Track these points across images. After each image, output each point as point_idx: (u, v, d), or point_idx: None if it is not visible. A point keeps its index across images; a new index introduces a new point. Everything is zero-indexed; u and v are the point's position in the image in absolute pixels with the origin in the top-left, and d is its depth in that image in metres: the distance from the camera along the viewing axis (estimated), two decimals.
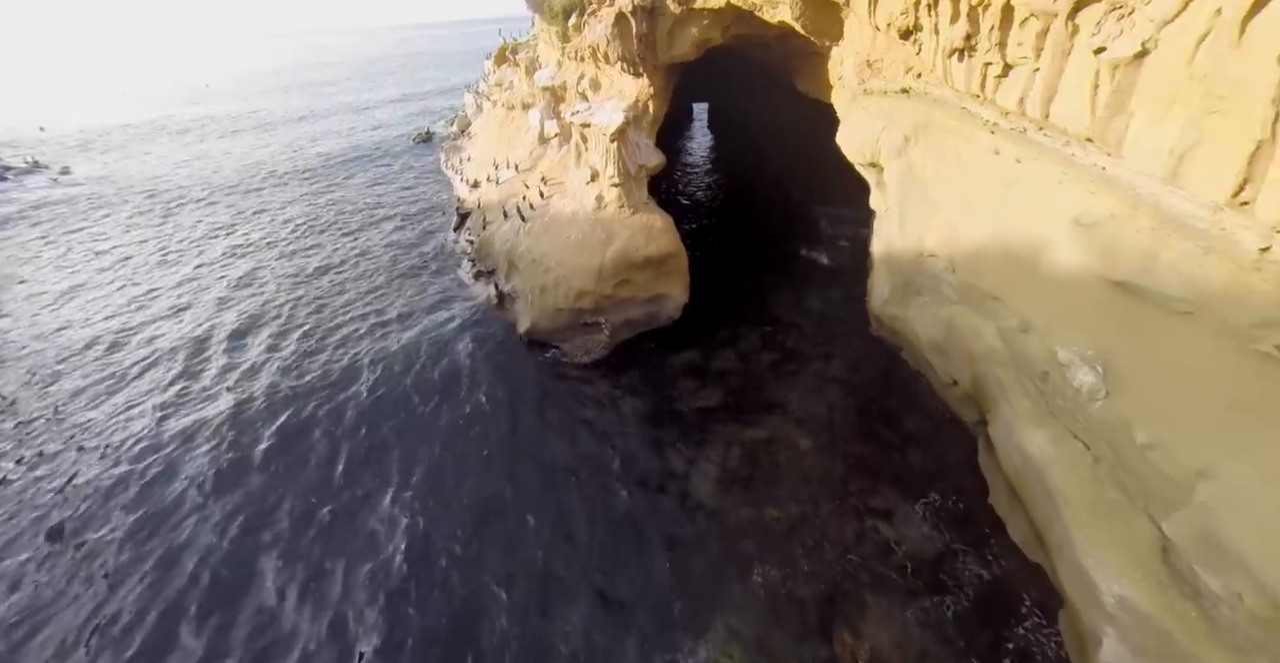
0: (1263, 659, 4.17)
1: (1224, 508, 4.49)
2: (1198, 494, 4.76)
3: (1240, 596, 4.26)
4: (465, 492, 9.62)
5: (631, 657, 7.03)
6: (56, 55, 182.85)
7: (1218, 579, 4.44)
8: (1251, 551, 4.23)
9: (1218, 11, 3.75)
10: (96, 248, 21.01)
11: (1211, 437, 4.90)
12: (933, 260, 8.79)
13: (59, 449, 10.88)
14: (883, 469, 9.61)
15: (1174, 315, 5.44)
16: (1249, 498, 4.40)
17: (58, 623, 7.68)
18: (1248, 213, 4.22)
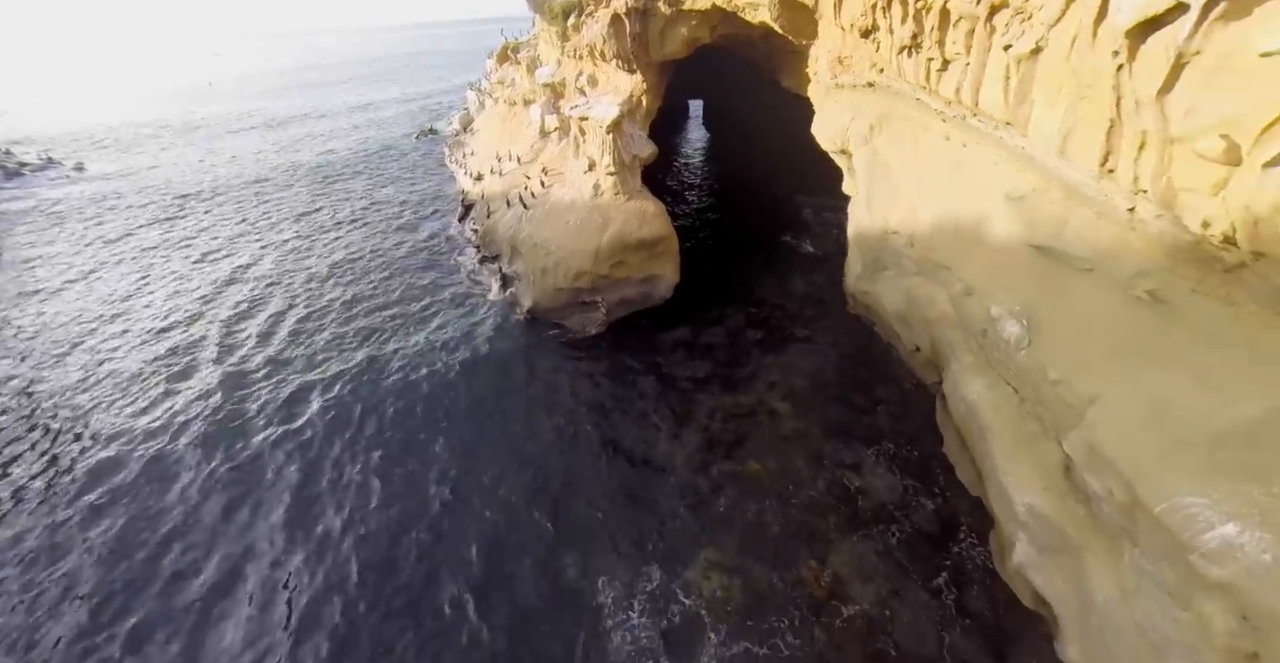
0: (1125, 539, 5.17)
1: (1102, 424, 5.48)
2: (1088, 416, 5.75)
3: (1111, 491, 5.25)
4: (482, 444, 10.65)
5: (625, 579, 8.03)
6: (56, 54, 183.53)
7: (1098, 481, 5.43)
8: (1119, 455, 5.22)
9: (1081, 18, 4.72)
10: (116, 242, 21.97)
11: (1101, 369, 5.89)
12: (895, 237, 9.78)
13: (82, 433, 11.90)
14: (853, 430, 10.61)
15: (1079, 272, 6.43)
16: (1120, 414, 5.39)
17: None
18: (1114, 179, 5.20)
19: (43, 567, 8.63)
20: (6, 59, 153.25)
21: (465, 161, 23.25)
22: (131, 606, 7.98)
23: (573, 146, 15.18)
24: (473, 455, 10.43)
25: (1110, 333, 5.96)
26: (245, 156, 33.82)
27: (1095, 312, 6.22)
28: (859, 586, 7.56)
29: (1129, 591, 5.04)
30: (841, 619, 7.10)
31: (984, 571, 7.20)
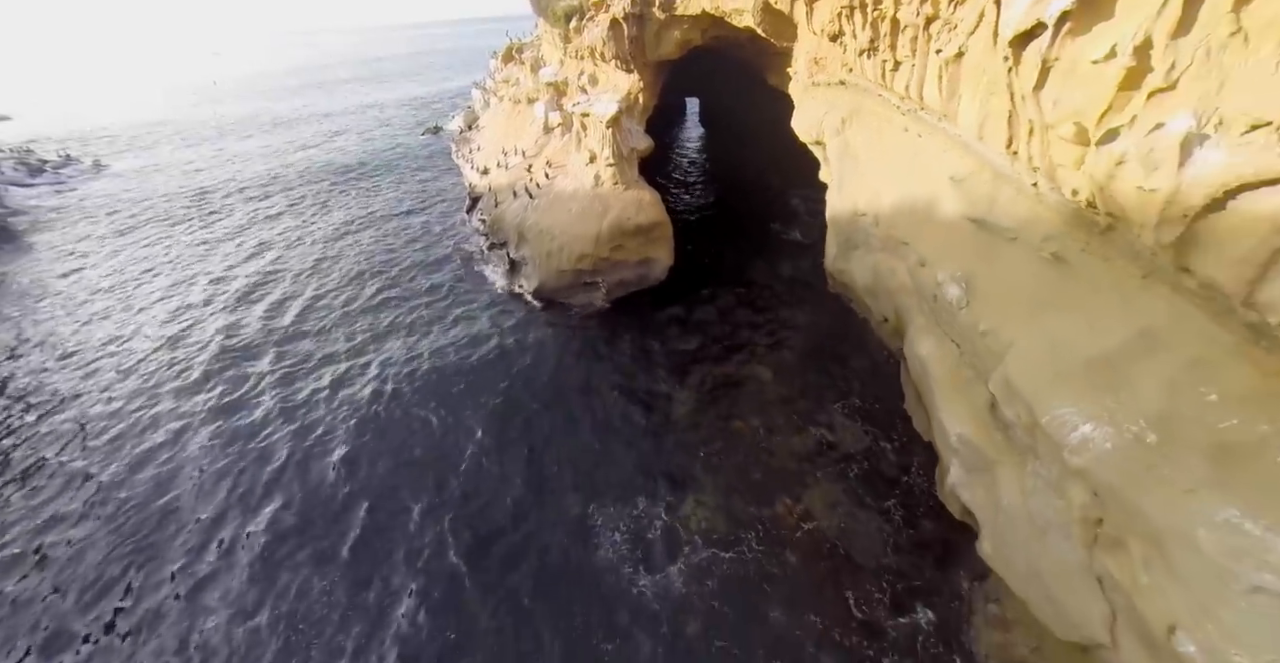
0: (1029, 454, 6.38)
1: (1014, 362, 6.68)
2: (1005, 358, 6.94)
3: (1019, 415, 6.45)
4: (495, 404, 11.90)
5: (621, 514, 9.27)
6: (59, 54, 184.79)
7: (1010, 409, 6.63)
8: (1023, 385, 6.41)
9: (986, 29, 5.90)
10: (137, 231, 23.23)
11: (1017, 319, 7.08)
12: (863, 219, 10.96)
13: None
14: (828, 393, 11.84)
15: (1006, 241, 7.61)
16: (1027, 353, 6.59)
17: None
18: (1018, 160, 6.39)
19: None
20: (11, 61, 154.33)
21: (472, 157, 24.45)
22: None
23: (575, 141, 16.38)
24: (487, 412, 11.69)
25: (1026, 289, 7.15)
26: (259, 154, 35.04)
27: (1016, 273, 7.41)
28: (825, 514, 8.79)
29: (1027, 491, 6.26)
30: (803, 533, 8.34)
31: (928, 496, 8.43)
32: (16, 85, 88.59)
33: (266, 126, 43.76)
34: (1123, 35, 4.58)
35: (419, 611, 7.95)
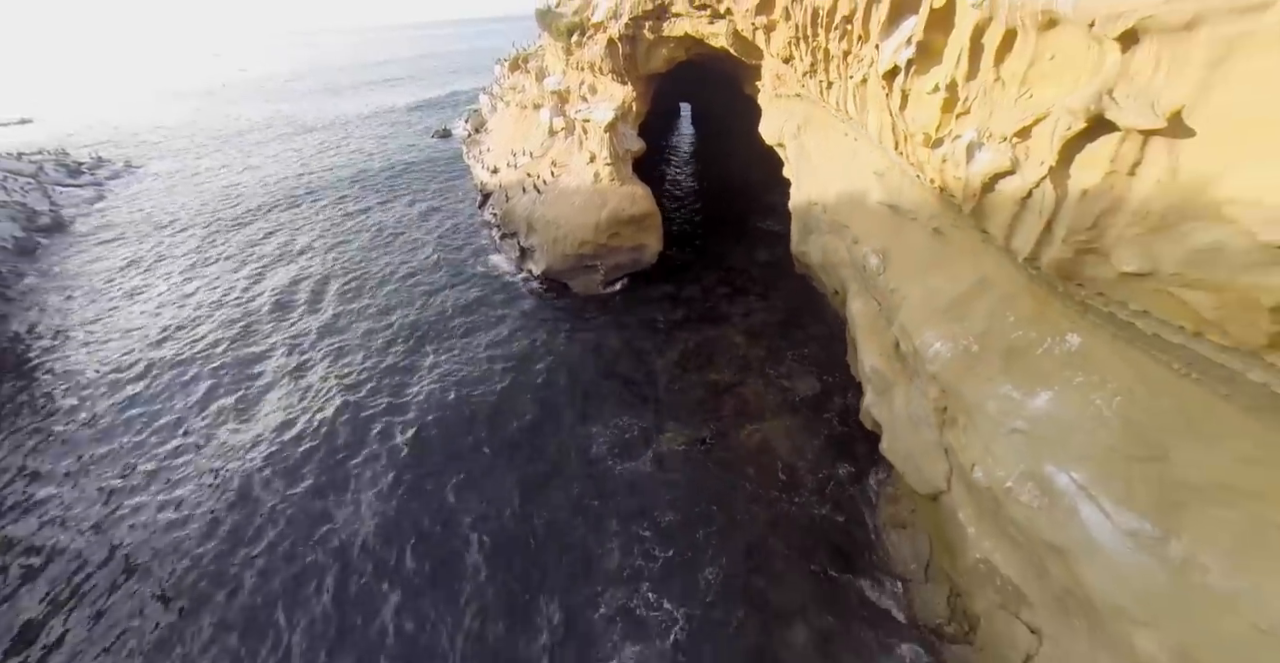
0: (914, 375, 8.73)
1: (904, 309, 9.04)
2: (901, 307, 9.31)
3: (907, 347, 8.81)
4: (496, 374, 14.25)
5: (610, 428, 11.65)
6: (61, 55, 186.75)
7: (904, 344, 8.99)
8: (909, 323, 8.77)
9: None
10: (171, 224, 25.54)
11: (912, 278, 9.44)
12: (816, 207, 13.31)
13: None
14: (790, 352, 14.21)
15: (909, 221, 9.97)
16: (914, 301, 8.95)
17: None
18: (905, 158, 8.75)
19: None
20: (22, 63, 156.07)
21: (482, 157, 26.78)
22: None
23: (576, 143, 18.73)
24: (508, 366, 14.07)
25: (919, 256, 9.51)
26: (281, 156, 37.36)
27: (915, 244, 9.76)
28: (775, 435, 11.19)
29: (910, 399, 8.63)
30: (755, 445, 10.76)
31: (856, 422, 10.80)
32: (31, 88, 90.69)
33: (284, 129, 46.02)
34: (942, 77, 6.94)
35: (463, 485, 10.38)
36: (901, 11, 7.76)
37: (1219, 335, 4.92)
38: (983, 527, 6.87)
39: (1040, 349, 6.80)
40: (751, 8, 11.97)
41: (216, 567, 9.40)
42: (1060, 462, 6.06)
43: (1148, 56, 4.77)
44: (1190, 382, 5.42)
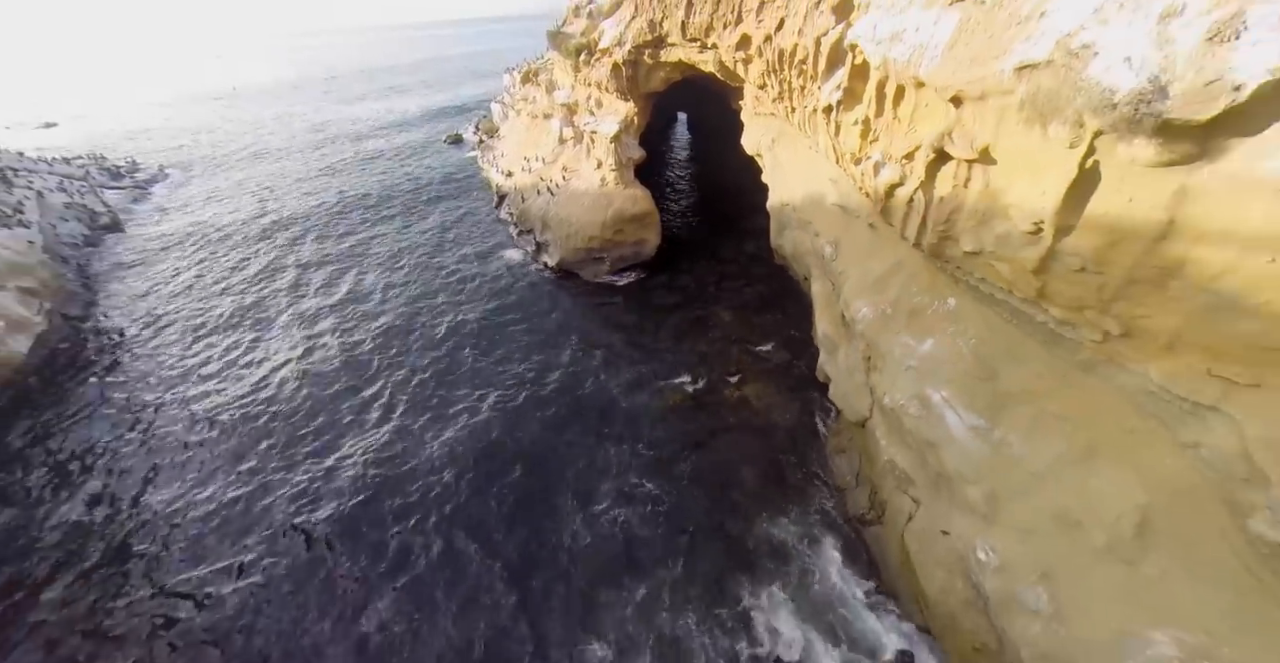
0: (852, 337, 11.43)
1: (847, 286, 11.74)
2: (845, 286, 12.00)
3: (848, 315, 11.51)
4: (526, 341, 16.92)
5: (619, 388, 14.32)
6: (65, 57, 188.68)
7: (846, 313, 11.69)
8: (849, 297, 11.47)
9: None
10: (211, 221, 28.13)
11: (855, 263, 12.13)
12: (788, 208, 16.00)
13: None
14: (767, 327, 16.88)
15: (855, 218, 12.67)
16: (853, 279, 11.65)
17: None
18: (846, 170, 11.42)
19: None
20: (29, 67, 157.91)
21: (496, 162, 29.44)
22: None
23: (585, 151, 21.40)
24: (535, 337, 16.77)
25: (861, 246, 12.20)
26: (305, 156, 39.94)
27: (858, 237, 12.45)
28: (753, 392, 13.89)
29: (848, 354, 11.32)
30: (736, 399, 13.47)
31: (812, 376, 13.49)
32: (44, 91, 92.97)
33: (304, 133, 48.54)
34: (860, 114, 9.63)
35: (496, 414, 13.11)
36: (835, 63, 10.45)
37: (1017, 292, 7.64)
38: (890, 437, 9.55)
39: (930, 310, 9.50)
40: (732, 44, 14.65)
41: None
42: (935, 386, 8.76)
43: (967, 112, 7.46)
44: (1012, 326, 8.13)
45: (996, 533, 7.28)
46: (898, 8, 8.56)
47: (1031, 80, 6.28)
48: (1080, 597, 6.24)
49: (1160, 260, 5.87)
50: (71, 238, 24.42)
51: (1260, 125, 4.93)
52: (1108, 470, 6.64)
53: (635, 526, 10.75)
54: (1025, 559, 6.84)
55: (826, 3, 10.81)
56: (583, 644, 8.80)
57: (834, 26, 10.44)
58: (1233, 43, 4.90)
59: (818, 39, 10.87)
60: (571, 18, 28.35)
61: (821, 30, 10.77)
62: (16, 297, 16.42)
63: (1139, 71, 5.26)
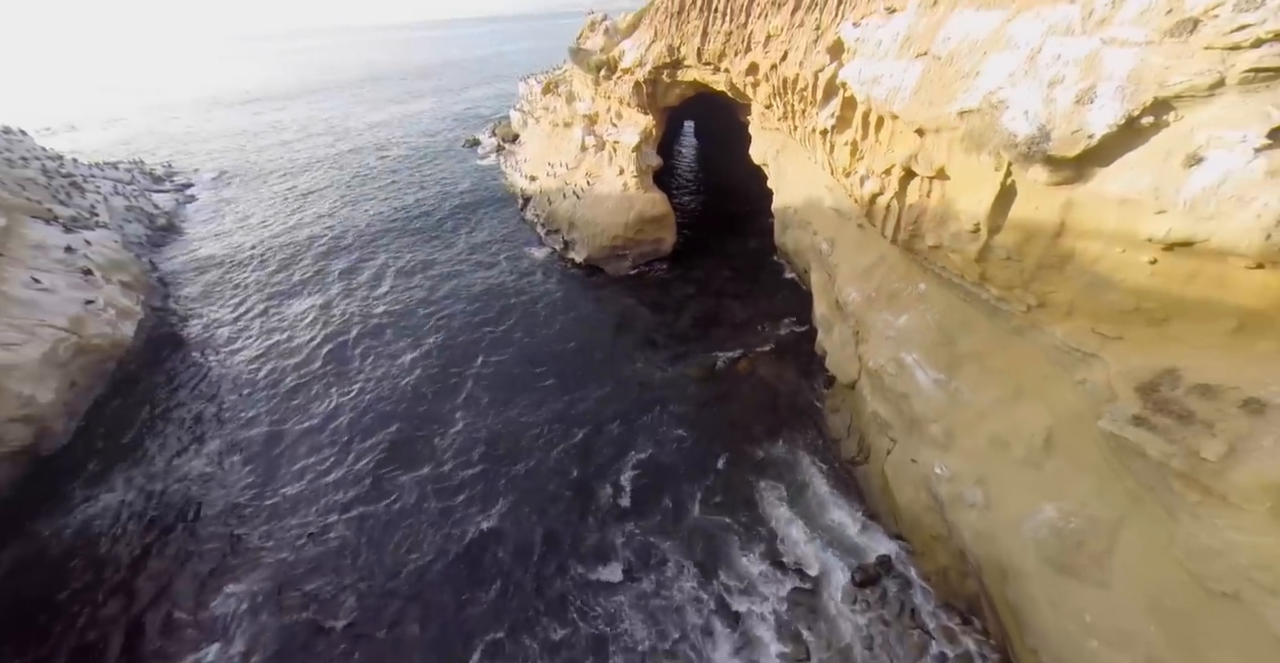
0: (845, 317, 13.90)
1: (838, 276, 14.20)
2: (838, 275, 14.46)
3: (841, 299, 13.97)
4: (567, 326, 19.34)
5: (645, 364, 16.76)
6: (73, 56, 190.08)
7: (840, 296, 14.15)
8: (841, 285, 13.93)
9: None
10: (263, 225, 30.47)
11: (846, 257, 14.59)
12: (790, 210, 18.45)
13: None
14: (773, 312, 19.29)
15: (847, 220, 15.13)
16: (844, 268, 14.11)
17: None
18: (840, 180, 13.85)
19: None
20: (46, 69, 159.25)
21: (519, 166, 31.83)
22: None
23: (607, 158, 23.82)
24: (568, 320, 19.21)
25: (851, 242, 14.65)
26: (332, 159, 42.24)
27: (850, 235, 14.91)
28: (762, 367, 16.35)
29: (840, 331, 13.78)
30: (747, 374, 15.94)
31: (811, 351, 15.93)
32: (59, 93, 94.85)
33: (325, 137, 50.79)
34: (850, 137, 12.06)
35: (556, 387, 15.53)
36: (829, 94, 12.89)
37: (966, 276, 10.10)
38: (873, 393, 12.00)
39: (905, 293, 11.96)
40: (742, 70, 17.09)
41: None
42: (908, 351, 11.21)
43: (928, 141, 9.91)
44: (966, 304, 10.60)
45: (949, 456, 9.75)
46: (877, 56, 11.01)
47: (968, 121, 8.75)
48: (1003, 492, 8.71)
49: (1058, 251, 8.34)
50: (137, 238, 26.77)
51: (1109, 159, 7.40)
52: (1027, 405, 9.10)
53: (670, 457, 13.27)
54: (968, 471, 9.30)
55: (822, 43, 13.26)
56: (635, 535, 11.35)
57: (829, 64, 12.89)
58: (1089, 105, 7.37)
59: (815, 73, 13.32)
60: (588, 33, 30.75)
61: (818, 66, 13.21)
62: (119, 290, 18.81)
63: (1032, 122, 7.73)
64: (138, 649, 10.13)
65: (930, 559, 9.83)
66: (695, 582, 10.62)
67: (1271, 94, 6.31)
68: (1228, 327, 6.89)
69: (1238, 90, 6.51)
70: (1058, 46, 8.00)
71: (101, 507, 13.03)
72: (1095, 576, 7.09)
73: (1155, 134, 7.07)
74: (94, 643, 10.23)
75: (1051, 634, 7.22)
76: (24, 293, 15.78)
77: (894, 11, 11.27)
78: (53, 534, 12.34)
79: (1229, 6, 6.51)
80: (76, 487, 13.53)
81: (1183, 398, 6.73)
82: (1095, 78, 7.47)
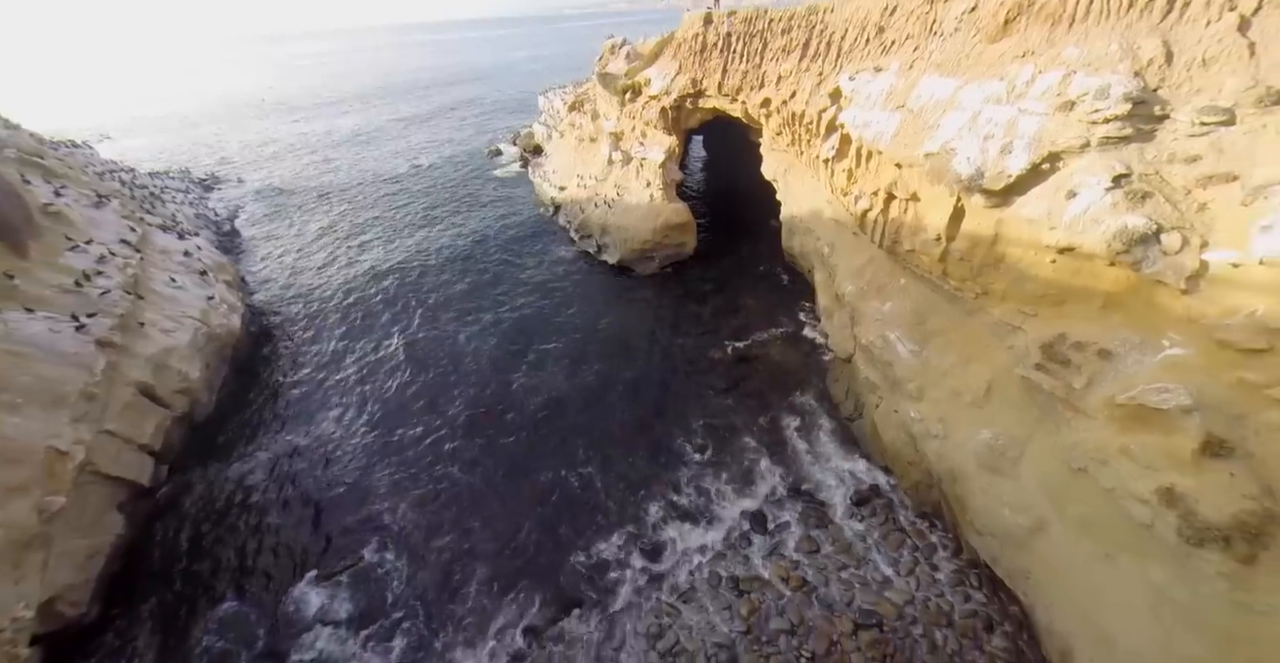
0: (844, 305, 17.37)
1: (839, 275, 17.68)
2: (838, 274, 17.93)
3: (841, 294, 17.45)
4: (609, 316, 22.74)
5: (680, 347, 20.21)
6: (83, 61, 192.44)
7: (839, 290, 17.63)
8: (841, 281, 17.41)
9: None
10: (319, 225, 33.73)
11: (845, 258, 18.07)
12: (796, 219, 21.95)
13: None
14: (784, 301, 22.75)
15: (844, 228, 18.62)
16: (843, 267, 17.59)
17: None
18: (840, 197, 17.31)
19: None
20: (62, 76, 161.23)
21: (548, 176, 35.22)
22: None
23: (634, 172, 27.26)
24: (601, 308, 22.62)
25: (848, 246, 18.12)
26: (362, 164, 45.47)
27: (847, 241, 18.39)
28: (774, 350, 19.82)
29: (839, 317, 17.24)
30: (758, 354, 19.42)
31: (816, 338, 19.36)
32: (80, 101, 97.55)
33: (351, 145, 54.04)
34: (847, 165, 15.52)
35: (607, 362, 18.92)
36: (830, 130, 16.35)
37: (932, 272, 13.58)
38: (865, 363, 15.43)
39: (889, 286, 15.43)
40: (757, 102, 20.57)
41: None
42: (891, 329, 14.67)
43: (904, 173, 13.39)
44: (933, 293, 14.08)
45: (921, 405, 13.20)
46: (867, 106, 14.50)
47: (931, 161, 12.23)
48: (956, 426, 12.16)
49: (994, 254, 11.82)
50: (212, 242, 30.00)
51: (1022, 192, 10.89)
52: (975, 366, 12.57)
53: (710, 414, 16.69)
54: (933, 415, 12.75)
55: (824, 88, 16.75)
56: (696, 462, 14.76)
57: (830, 106, 16.37)
58: (1009, 154, 10.85)
59: (819, 112, 16.80)
60: (609, 56, 34.20)
61: (821, 107, 16.70)
62: (225, 288, 22.10)
63: (971, 165, 11.21)
64: (303, 554, 13.45)
65: (907, 479, 13.28)
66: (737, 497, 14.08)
67: (1117, 153, 9.81)
68: (1097, 305, 10.36)
69: (1098, 150, 10.00)
70: (990, 112, 11.50)
71: (252, 459, 16.36)
72: (1010, 472, 10.55)
73: (1050, 176, 10.56)
74: (269, 549, 13.55)
75: (982, 511, 10.68)
76: (167, 290, 19.08)
77: (880, 70, 14.76)
78: (219, 479, 15.66)
79: (1091, 96, 10.01)
80: (229, 443, 16.87)
81: (1065, 351, 10.20)
82: (1013, 136, 10.95)
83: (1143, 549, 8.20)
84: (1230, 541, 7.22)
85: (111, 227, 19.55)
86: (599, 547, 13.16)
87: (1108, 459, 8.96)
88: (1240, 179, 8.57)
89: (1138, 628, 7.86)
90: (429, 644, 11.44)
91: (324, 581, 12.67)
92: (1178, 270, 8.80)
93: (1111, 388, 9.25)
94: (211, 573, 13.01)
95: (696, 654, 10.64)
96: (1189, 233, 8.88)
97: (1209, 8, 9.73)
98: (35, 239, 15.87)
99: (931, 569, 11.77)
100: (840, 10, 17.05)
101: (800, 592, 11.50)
